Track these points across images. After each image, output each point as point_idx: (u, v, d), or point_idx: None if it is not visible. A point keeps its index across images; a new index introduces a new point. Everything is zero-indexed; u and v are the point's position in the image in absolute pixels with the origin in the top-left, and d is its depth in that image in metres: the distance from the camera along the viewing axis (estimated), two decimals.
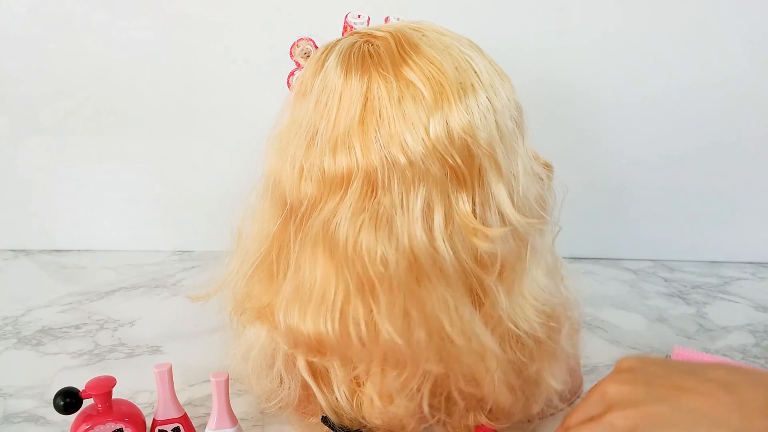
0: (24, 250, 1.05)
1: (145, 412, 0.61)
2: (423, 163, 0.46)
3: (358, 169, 0.47)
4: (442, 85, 0.47)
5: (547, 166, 0.57)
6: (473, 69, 0.49)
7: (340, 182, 0.48)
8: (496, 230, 0.48)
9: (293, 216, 0.52)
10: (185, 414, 0.60)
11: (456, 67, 0.48)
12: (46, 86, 0.96)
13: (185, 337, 0.80)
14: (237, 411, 0.59)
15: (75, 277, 0.97)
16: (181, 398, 0.61)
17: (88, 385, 0.56)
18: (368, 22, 0.55)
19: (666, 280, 0.96)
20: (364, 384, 0.54)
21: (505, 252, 0.50)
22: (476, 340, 0.50)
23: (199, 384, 0.70)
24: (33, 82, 0.95)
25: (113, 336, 0.81)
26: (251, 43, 0.91)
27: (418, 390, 0.53)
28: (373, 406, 0.53)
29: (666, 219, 1.03)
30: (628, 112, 0.96)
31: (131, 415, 0.58)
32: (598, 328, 0.83)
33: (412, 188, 0.47)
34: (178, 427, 0.59)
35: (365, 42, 0.50)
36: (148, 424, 0.60)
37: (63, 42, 0.93)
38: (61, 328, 0.82)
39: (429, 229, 0.47)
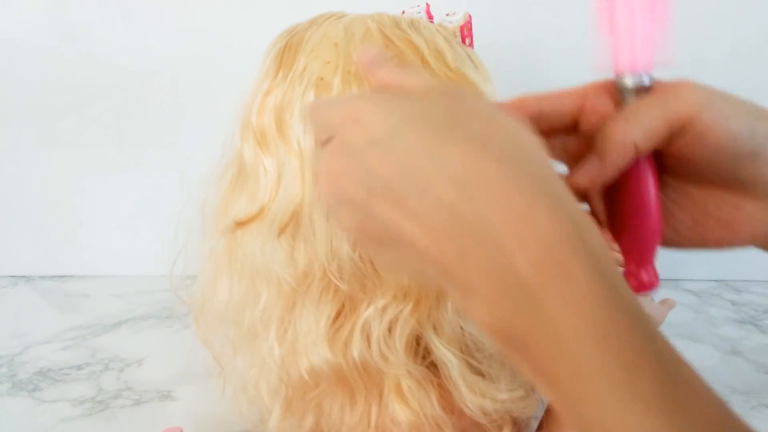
0: (24, 276, 0.97)
1: None
2: None
3: None
4: None
5: None
6: None
7: None
8: None
9: None
10: None
11: None
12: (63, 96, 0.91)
13: (199, 379, 0.71)
14: None
15: (78, 307, 0.89)
16: None
17: None
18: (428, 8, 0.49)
19: (734, 304, 0.86)
20: None
21: None
22: None
23: None
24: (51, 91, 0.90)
25: (119, 378, 0.72)
26: None
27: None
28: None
29: None
30: None
31: None
32: None
33: None
34: None
35: None
36: None
37: (81, 51, 0.89)
38: (61, 369, 0.74)
39: None
